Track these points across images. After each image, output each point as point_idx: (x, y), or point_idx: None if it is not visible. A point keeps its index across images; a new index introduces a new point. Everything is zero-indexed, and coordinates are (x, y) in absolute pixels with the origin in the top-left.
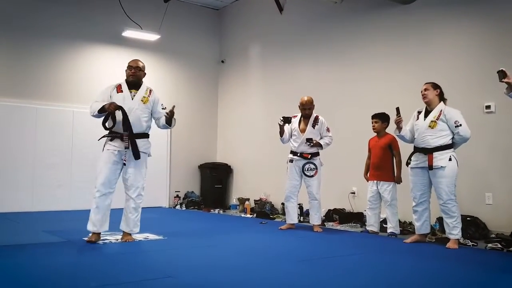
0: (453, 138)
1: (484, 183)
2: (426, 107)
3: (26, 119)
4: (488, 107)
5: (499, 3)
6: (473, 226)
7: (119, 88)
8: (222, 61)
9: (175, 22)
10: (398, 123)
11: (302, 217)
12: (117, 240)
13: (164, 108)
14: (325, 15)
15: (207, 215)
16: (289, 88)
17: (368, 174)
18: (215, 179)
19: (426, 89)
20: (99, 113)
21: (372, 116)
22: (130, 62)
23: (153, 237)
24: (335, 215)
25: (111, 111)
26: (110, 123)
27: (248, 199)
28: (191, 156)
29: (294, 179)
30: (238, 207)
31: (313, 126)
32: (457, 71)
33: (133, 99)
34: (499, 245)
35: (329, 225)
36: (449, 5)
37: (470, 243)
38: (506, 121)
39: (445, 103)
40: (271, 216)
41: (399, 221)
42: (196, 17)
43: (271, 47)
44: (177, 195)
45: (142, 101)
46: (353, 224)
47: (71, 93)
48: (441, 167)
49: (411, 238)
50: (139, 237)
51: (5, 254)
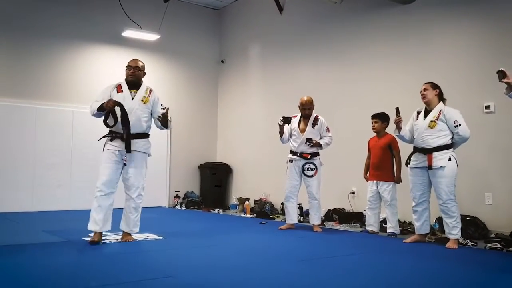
0: (452, 138)
1: (484, 183)
2: (426, 107)
3: (26, 119)
4: (487, 107)
5: (499, 3)
6: (472, 226)
7: (119, 88)
8: (222, 61)
9: (175, 22)
10: (398, 123)
11: (302, 217)
12: (117, 240)
13: (163, 108)
14: (325, 15)
15: (207, 215)
16: (289, 88)
17: (367, 174)
18: (215, 179)
19: (426, 89)
20: (99, 111)
21: (372, 116)
22: (129, 62)
23: (153, 237)
24: (335, 215)
25: (110, 108)
26: (111, 121)
27: (248, 199)
28: (191, 156)
29: (294, 179)
30: (238, 207)
31: (313, 126)
32: (457, 71)
33: (133, 99)
34: (498, 245)
35: (329, 225)
36: (449, 5)
37: (470, 243)
38: (506, 121)
39: (445, 103)
40: (271, 216)
41: (399, 221)
42: (196, 17)
43: (271, 47)
44: (177, 195)
45: (143, 101)
46: (353, 224)
47: (71, 93)
48: (441, 167)
49: (410, 238)
50: (139, 237)
51: (5, 254)
